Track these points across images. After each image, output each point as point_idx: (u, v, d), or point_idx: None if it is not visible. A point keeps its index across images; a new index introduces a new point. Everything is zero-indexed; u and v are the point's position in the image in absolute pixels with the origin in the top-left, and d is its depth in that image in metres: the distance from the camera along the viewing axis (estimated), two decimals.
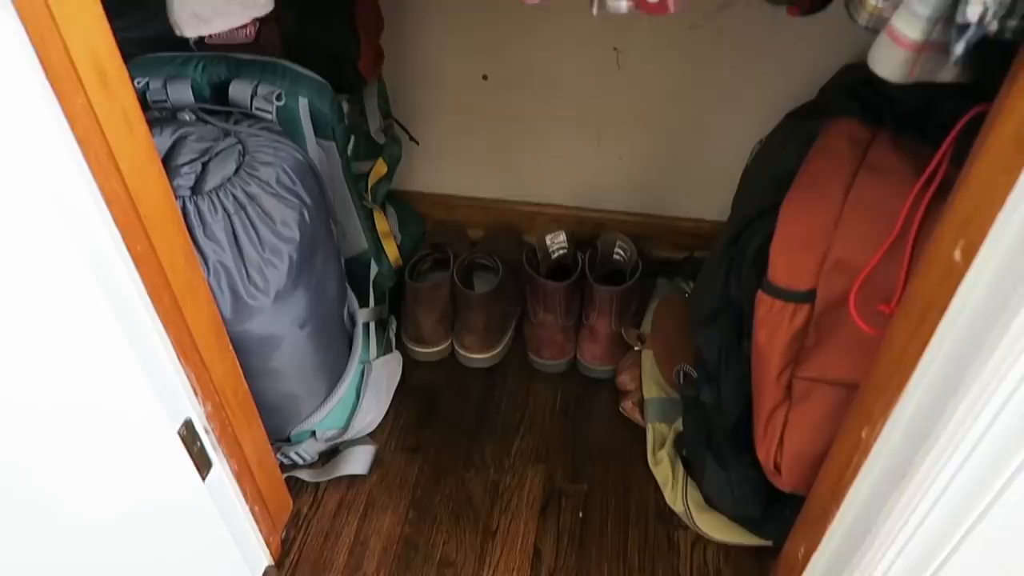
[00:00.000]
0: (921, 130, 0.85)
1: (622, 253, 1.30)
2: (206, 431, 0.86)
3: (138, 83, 0.96)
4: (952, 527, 0.65)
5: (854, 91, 0.91)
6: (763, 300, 0.88)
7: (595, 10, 0.62)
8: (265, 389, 1.04)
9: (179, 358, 0.79)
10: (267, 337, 0.96)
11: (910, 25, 0.53)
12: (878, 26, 0.64)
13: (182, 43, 1.00)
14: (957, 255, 0.57)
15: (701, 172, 1.36)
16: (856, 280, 0.82)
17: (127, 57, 1.02)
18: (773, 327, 0.88)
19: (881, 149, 0.84)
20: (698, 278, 1.21)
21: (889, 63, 0.54)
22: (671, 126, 1.32)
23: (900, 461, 0.66)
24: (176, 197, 0.84)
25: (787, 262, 0.86)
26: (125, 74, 0.66)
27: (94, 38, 0.62)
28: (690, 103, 1.28)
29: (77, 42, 0.60)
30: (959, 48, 0.49)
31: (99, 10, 0.62)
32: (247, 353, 0.96)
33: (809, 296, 0.86)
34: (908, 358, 0.65)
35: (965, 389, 0.57)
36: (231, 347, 0.90)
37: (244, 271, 0.88)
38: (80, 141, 0.61)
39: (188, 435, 0.83)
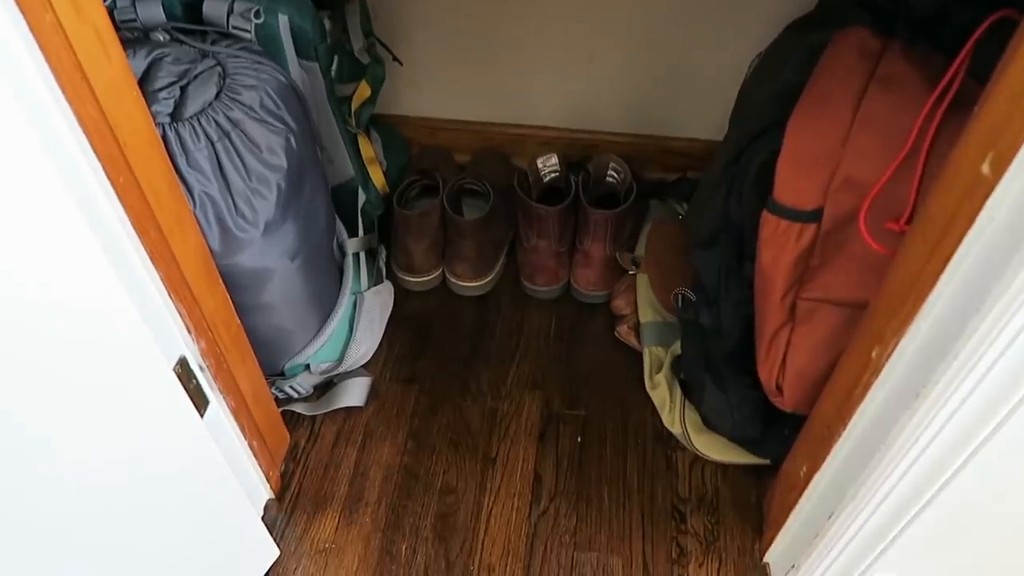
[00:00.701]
0: (936, 39, 0.82)
1: (615, 175, 1.27)
2: (201, 368, 0.84)
3: (104, 1, 0.89)
4: (963, 443, 0.65)
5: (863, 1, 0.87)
6: (768, 220, 0.86)
7: None
8: (257, 324, 1.02)
9: (170, 294, 0.76)
10: (257, 270, 0.93)
11: None
12: None
13: None
14: (985, 168, 0.55)
15: (695, 89, 1.32)
16: (866, 198, 0.80)
17: None
18: (778, 247, 0.86)
19: (893, 60, 0.81)
20: (694, 199, 1.19)
21: None
22: (663, 42, 1.27)
23: (913, 379, 0.66)
24: (155, 124, 0.79)
25: (794, 181, 0.84)
26: None
27: None
28: (683, 18, 1.23)
29: None
30: None
31: None
32: (238, 288, 0.93)
33: (816, 215, 0.84)
34: (926, 275, 0.63)
35: (990, 305, 0.56)
36: (221, 281, 0.87)
37: (231, 202, 0.84)
38: (51, 63, 0.56)
39: (184, 373, 0.80)
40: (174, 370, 0.77)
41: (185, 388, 0.79)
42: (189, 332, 0.80)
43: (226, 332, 0.89)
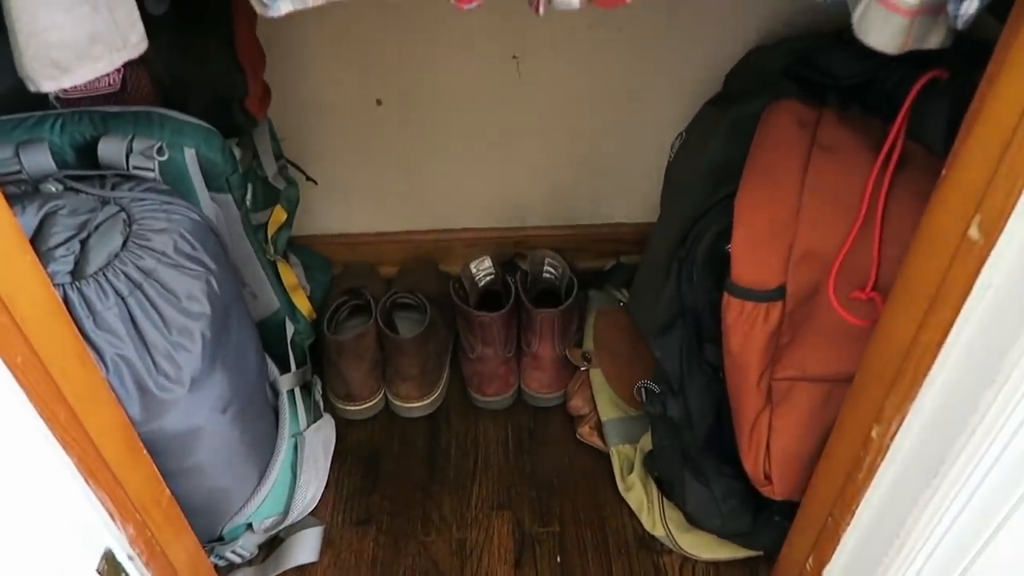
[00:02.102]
0: (867, 104, 0.82)
1: (553, 271, 1.23)
2: (130, 557, 0.72)
3: None
4: (989, 520, 0.61)
5: (790, 71, 0.87)
6: (731, 304, 0.83)
7: (541, 10, 0.54)
8: (189, 488, 0.90)
9: (88, 481, 0.65)
10: (185, 432, 0.83)
11: None
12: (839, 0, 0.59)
13: (37, 101, 0.85)
14: (974, 233, 0.53)
15: (618, 175, 1.31)
16: (828, 269, 0.78)
17: None
18: (746, 331, 0.83)
19: (830, 128, 0.81)
20: (636, 287, 1.16)
21: (884, 33, 0.49)
22: (582, 131, 1.27)
23: (928, 458, 0.62)
24: (55, 286, 0.70)
25: (752, 260, 0.81)
26: None
27: None
28: (598, 105, 1.23)
29: None
30: (971, 7, 0.45)
31: None
32: (163, 453, 0.82)
33: (779, 293, 0.81)
34: (921, 347, 0.60)
35: (1004, 376, 0.53)
36: (145, 452, 0.76)
37: (151, 361, 0.74)
38: None
39: (110, 569, 0.68)
40: (98, 570, 0.65)
41: None
42: (114, 519, 0.69)
43: (156, 509, 0.78)
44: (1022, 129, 0.48)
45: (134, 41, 0.61)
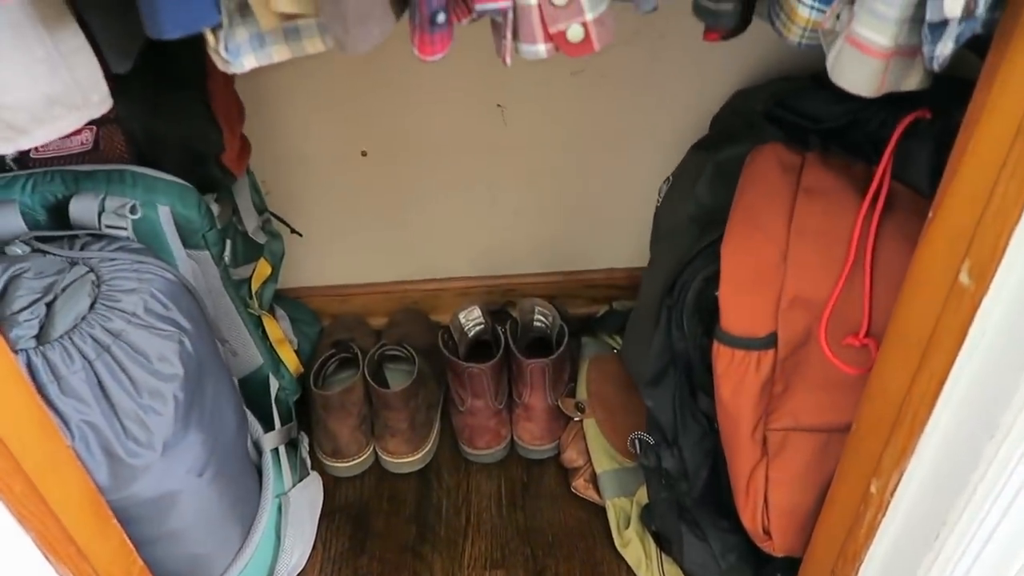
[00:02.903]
0: (850, 146, 0.81)
1: (543, 319, 1.21)
2: None
3: None
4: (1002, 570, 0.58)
5: (772, 114, 0.86)
6: (721, 352, 0.80)
7: (508, 59, 0.53)
8: (167, 555, 0.87)
9: (48, 556, 0.62)
10: (160, 497, 0.80)
11: (877, 29, 0.46)
12: (814, 42, 0.58)
13: (21, 163, 0.84)
14: (964, 278, 0.51)
15: (606, 220, 1.30)
16: (819, 315, 0.75)
17: None
18: (737, 380, 0.80)
19: (814, 171, 0.79)
20: (627, 335, 1.13)
21: (858, 76, 0.48)
22: (568, 177, 1.25)
23: (930, 517, 0.59)
24: (18, 352, 0.68)
25: (740, 307, 0.79)
26: None
27: None
28: (583, 151, 1.22)
29: None
30: (946, 48, 0.43)
31: None
32: (137, 521, 0.79)
33: (770, 341, 0.78)
34: (916, 398, 0.58)
35: (1004, 431, 0.50)
36: (115, 521, 0.73)
37: (119, 426, 0.72)
38: None
39: None
40: None
41: None
42: None
43: None
44: (1008, 169, 0.46)
45: (96, 100, 0.60)
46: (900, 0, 0.45)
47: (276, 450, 1.03)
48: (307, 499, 1.06)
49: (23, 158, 0.83)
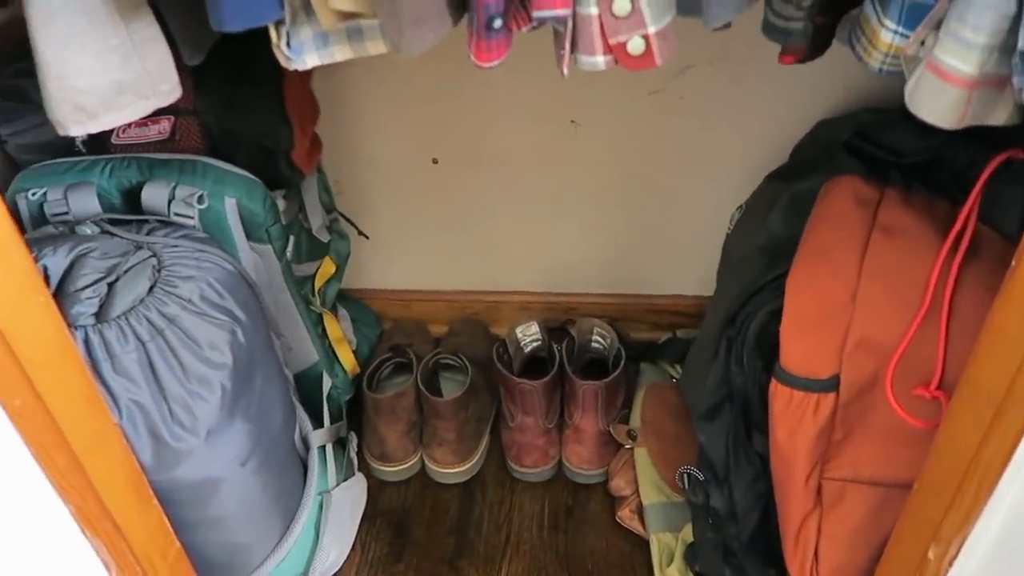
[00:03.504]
0: (933, 184, 0.76)
1: (601, 341, 1.18)
2: None
3: (33, 194, 0.82)
4: None
5: (851, 146, 0.82)
6: (779, 392, 0.76)
7: (565, 70, 0.52)
8: (206, 541, 0.88)
9: (84, 530, 0.64)
10: (202, 482, 0.81)
11: (960, 56, 0.43)
12: (896, 69, 0.54)
13: (94, 145, 0.88)
14: None
15: (675, 245, 1.27)
16: (887, 361, 0.71)
17: (20, 165, 0.90)
18: (794, 423, 0.76)
19: (893, 208, 0.75)
20: (687, 364, 1.10)
21: (938, 106, 0.44)
22: (638, 198, 1.23)
23: None
24: (77, 328, 0.70)
25: (802, 346, 0.75)
26: None
27: None
28: (656, 173, 1.19)
29: None
30: None
31: None
32: (179, 504, 0.80)
33: (832, 383, 0.74)
34: (986, 459, 0.53)
35: None
36: (155, 502, 0.74)
37: (166, 408, 0.73)
38: None
39: None
40: None
41: None
42: (109, 570, 0.67)
43: (162, 562, 0.75)
44: None
45: (165, 90, 0.61)
46: (989, 26, 0.42)
47: (323, 447, 1.04)
48: (349, 499, 1.07)
49: (104, 143, 0.86)
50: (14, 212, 0.85)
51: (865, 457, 0.76)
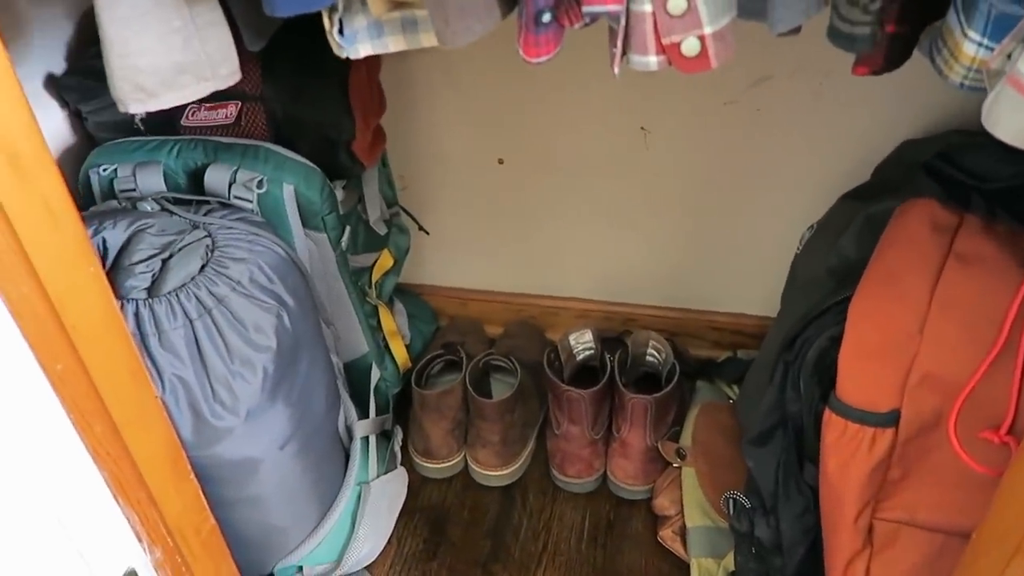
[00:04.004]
0: (1017, 212, 0.70)
1: (656, 354, 1.15)
2: None
3: (104, 170, 0.85)
4: None
5: (931, 167, 0.77)
6: (832, 422, 0.72)
7: (616, 69, 0.50)
8: (243, 520, 0.89)
9: (117, 498, 0.65)
10: (240, 462, 0.82)
11: None
12: (977, 83, 0.50)
13: (164, 126, 0.90)
14: None
15: (741, 261, 1.22)
16: (955, 400, 0.66)
17: (97, 142, 0.93)
18: (847, 456, 0.71)
19: (971, 236, 0.70)
20: (745, 386, 1.06)
21: (1016, 123, 0.40)
22: (706, 211, 1.19)
23: None
24: (128, 300, 0.72)
25: (861, 376, 0.71)
26: (48, 157, 0.54)
27: (1, 113, 0.50)
28: (727, 186, 1.16)
29: None
30: None
31: (10, 79, 0.51)
32: (218, 481, 0.82)
33: (891, 418, 0.70)
34: None
35: None
36: (192, 477, 0.75)
37: (208, 386, 0.74)
38: None
39: None
40: None
41: None
42: (140, 540, 0.68)
43: (195, 537, 0.77)
44: None
45: (224, 73, 0.62)
46: None
47: (367, 438, 1.04)
48: (389, 492, 1.07)
49: (174, 125, 0.88)
50: (87, 186, 0.89)
51: (923, 500, 0.71)
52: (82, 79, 0.89)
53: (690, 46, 0.47)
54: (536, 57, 0.50)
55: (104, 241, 0.74)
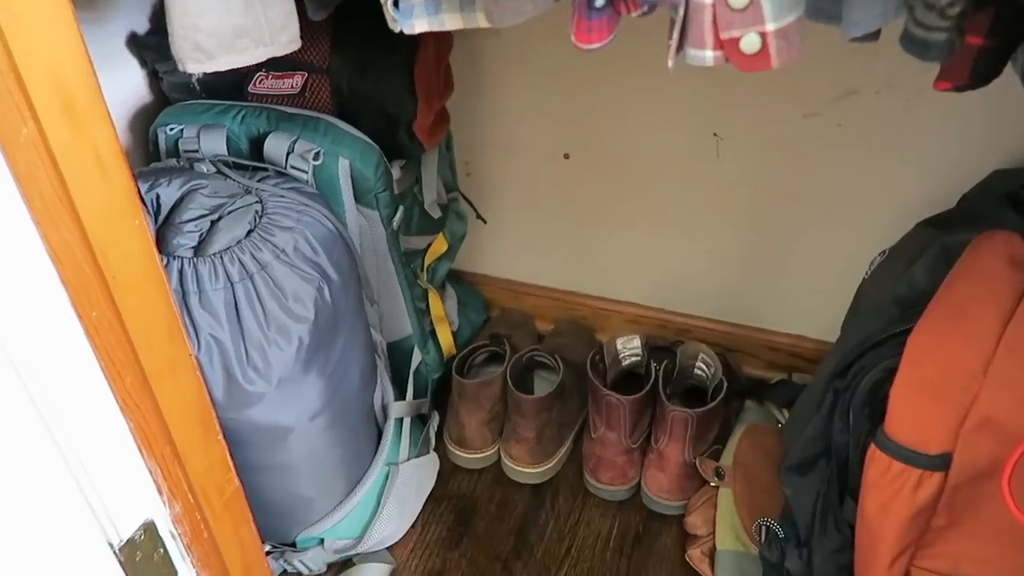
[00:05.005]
0: None
1: (704, 368, 1.11)
2: (172, 536, 0.72)
3: (171, 129, 0.87)
4: None
5: (1017, 198, 0.72)
6: (877, 458, 0.68)
7: (671, 62, 0.47)
8: (270, 485, 0.90)
9: (141, 449, 0.66)
10: (270, 428, 0.83)
11: None
12: None
13: (233, 91, 0.92)
14: None
15: (806, 282, 1.17)
16: (1013, 449, 0.61)
17: (171, 102, 0.95)
18: (889, 496, 0.67)
19: None
20: (794, 410, 1.01)
21: None
22: (774, 226, 1.15)
23: None
24: (174, 258, 0.73)
25: (913, 413, 0.66)
26: (103, 108, 0.55)
27: (60, 59, 0.51)
28: (799, 202, 1.11)
29: (31, 62, 0.49)
30: None
31: (71, 28, 0.52)
32: (246, 445, 0.83)
33: (942, 462, 0.65)
34: None
35: None
36: (221, 438, 0.76)
37: (243, 349, 0.75)
38: (19, 178, 0.50)
39: (148, 539, 0.69)
40: (134, 536, 0.66)
41: (146, 559, 0.68)
42: (160, 493, 0.69)
43: (218, 496, 0.78)
44: None
45: (284, 40, 0.62)
46: None
47: (401, 420, 1.04)
48: (418, 476, 1.07)
49: (241, 91, 0.90)
50: (155, 144, 0.91)
51: (969, 553, 0.66)
52: (161, 39, 0.90)
53: (750, 43, 0.44)
54: (587, 43, 0.48)
55: (158, 197, 0.76)
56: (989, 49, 0.49)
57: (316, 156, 0.83)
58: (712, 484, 1.06)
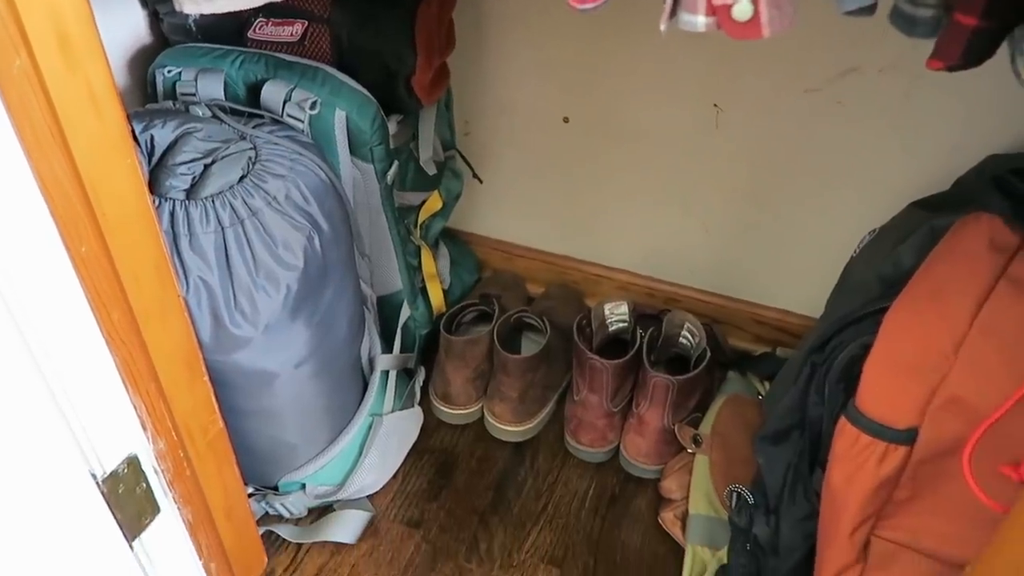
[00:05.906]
0: None
1: (689, 338, 1.13)
2: (155, 471, 0.74)
3: (169, 72, 0.87)
4: None
5: (1002, 181, 0.72)
6: (846, 430, 0.70)
7: (664, 26, 0.48)
8: (254, 430, 0.92)
9: (126, 384, 0.67)
10: (256, 373, 0.84)
11: None
12: None
13: (233, 36, 0.91)
14: None
15: (796, 258, 1.18)
16: (976, 428, 0.62)
17: (171, 44, 0.95)
18: (854, 467, 0.69)
19: None
20: (774, 384, 1.03)
21: None
22: (768, 200, 1.15)
23: None
24: (166, 199, 0.74)
25: (884, 388, 0.68)
26: (98, 43, 0.56)
27: None
28: (794, 177, 1.11)
29: None
30: None
31: None
32: (232, 387, 0.84)
33: (907, 436, 0.67)
34: None
35: None
36: (206, 379, 0.78)
37: (232, 294, 0.76)
38: (11, 109, 0.51)
39: (131, 473, 0.71)
40: (118, 469, 0.68)
41: (128, 493, 0.69)
42: (144, 429, 0.71)
43: (202, 436, 0.79)
44: None
45: None
46: None
47: (387, 373, 1.06)
48: (401, 429, 1.08)
49: (241, 36, 0.89)
50: (152, 85, 0.91)
51: (929, 526, 0.68)
52: None
53: (742, 10, 0.45)
54: (581, 3, 0.48)
55: (152, 139, 0.76)
56: (984, 30, 0.49)
57: (313, 106, 0.83)
58: (689, 451, 1.08)
